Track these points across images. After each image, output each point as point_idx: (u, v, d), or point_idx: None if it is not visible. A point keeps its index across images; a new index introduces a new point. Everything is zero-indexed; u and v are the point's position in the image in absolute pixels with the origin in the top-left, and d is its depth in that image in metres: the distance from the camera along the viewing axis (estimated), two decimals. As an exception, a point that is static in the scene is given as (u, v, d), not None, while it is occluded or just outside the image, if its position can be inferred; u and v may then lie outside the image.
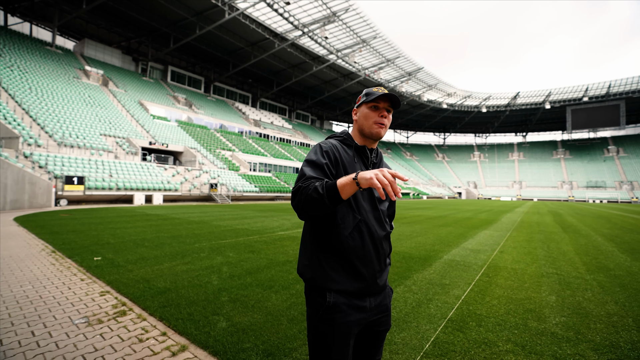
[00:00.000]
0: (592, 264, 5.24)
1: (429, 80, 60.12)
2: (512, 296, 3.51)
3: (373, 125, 1.27)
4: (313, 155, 1.23)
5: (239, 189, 26.26)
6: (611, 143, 71.55)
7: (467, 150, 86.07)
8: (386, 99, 1.26)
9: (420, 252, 5.81)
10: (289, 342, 2.38)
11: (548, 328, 2.71)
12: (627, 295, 3.64)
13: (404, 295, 3.45)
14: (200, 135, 33.53)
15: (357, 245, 1.18)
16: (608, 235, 8.87)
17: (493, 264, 5.03)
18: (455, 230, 9.35)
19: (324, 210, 1.06)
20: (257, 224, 10.01)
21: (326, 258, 1.19)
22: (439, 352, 2.26)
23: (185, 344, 2.34)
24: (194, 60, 46.39)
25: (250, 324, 2.68)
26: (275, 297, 3.35)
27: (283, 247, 6.14)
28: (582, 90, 64.71)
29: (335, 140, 1.34)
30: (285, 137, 49.85)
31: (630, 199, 54.51)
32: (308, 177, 1.13)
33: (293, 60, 46.63)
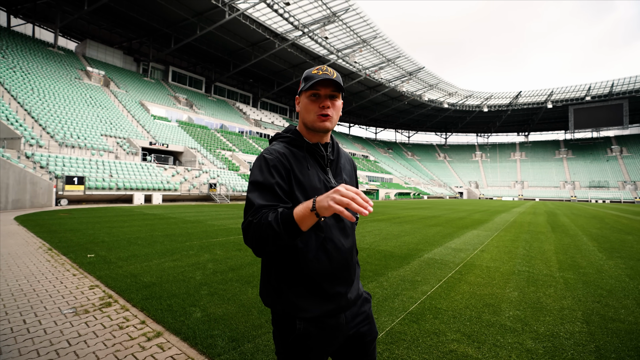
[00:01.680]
0: (566, 262, 5.42)
1: (430, 80, 60.13)
2: (476, 292, 3.72)
3: (316, 118, 1.11)
4: (258, 175, 1.06)
5: (238, 188, 26.53)
6: (614, 143, 71.23)
7: (468, 150, 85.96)
8: (327, 83, 1.08)
9: (402, 251, 6.02)
10: (254, 330, 2.61)
11: (499, 320, 2.92)
12: (587, 291, 3.83)
13: (373, 291, 3.67)
14: (201, 136, 33.85)
15: (324, 267, 1.07)
16: (594, 235, 9.03)
17: (470, 262, 5.23)
18: (444, 230, 9.54)
19: (282, 244, 0.94)
20: (251, 223, 10.25)
21: (290, 285, 1.07)
22: (390, 341, 2.48)
23: (160, 331, 2.58)
24: (195, 60, 46.77)
25: (223, 314, 2.91)
26: (252, 291, 3.58)
27: (271, 245, 6.37)
28: (584, 89, 64.45)
29: (281, 143, 1.17)
30: (286, 137, 50.10)
31: (633, 199, 54.31)
32: (257, 208, 0.98)
33: (293, 61, 46.86)
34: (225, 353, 2.26)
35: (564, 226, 11.34)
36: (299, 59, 46.16)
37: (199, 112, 39.44)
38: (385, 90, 58.22)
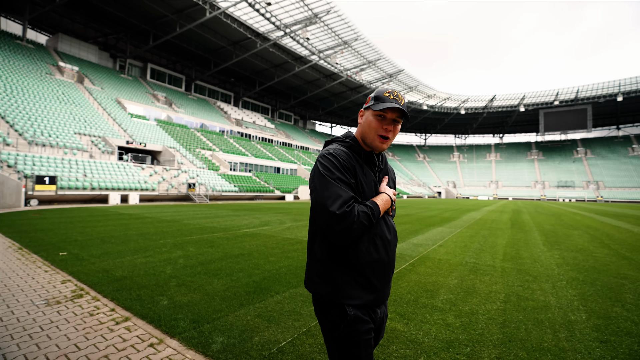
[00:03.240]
0: (510, 254, 6.01)
1: (410, 82, 61.54)
2: (421, 280, 4.18)
3: (376, 137, 1.23)
4: (334, 169, 1.17)
5: (218, 188, 26.46)
6: (580, 145, 75.20)
7: (447, 151, 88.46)
8: (395, 110, 1.20)
9: (365, 246, 6.46)
10: (215, 314, 2.94)
11: (433, 302, 3.36)
12: (517, 278, 4.37)
13: (330, 280, 4.05)
14: (180, 135, 33.44)
15: (373, 259, 1.18)
16: (546, 230, 9.82)
17: (425, 256, 5.72)
18: (412, 227, 10.10)
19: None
20: (227, 222, 10.48)
21: (340, 273, 1.17)
22: (333, 319, 2.87)
23: (128, 316, 2.86)
24: (175, 58, 45.98)
25: (188, 302, 3.22)
26: (217, 282, 3.89)
27: (242, 242, 6.67)
28: (553, 94, 67.77)
29: (342, 146, 1.28)
30: (268, 137, 50.08)
31: (595, 198, 57.59)
32: (349, 199, 1.11)
33: (275, 60, 46.93)
34: (186, 332, 2.58)
35: (522, 223, 12.18)
36: (281, 59, 46.28)
37: (179, 111, 38.88)
38: (366, 91, 59.15)
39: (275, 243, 6.69)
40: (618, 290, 3.90)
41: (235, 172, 33.84)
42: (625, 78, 58.54)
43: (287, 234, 8.00)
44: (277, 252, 5.73)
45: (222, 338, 2.49)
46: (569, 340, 2.57)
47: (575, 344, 2.50)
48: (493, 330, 2.72)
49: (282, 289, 3.71)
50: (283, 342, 2.45)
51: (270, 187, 32.90)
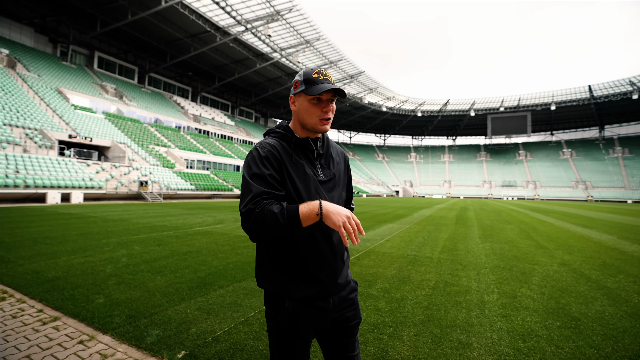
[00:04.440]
0: (448, 247, 6.55)
1: (370, 84, 63.31)
2: (363, 272, 4.45)
3: (318, 122, 1.18)
4: (254, 166, 1.14)
5: (173, 186, 25.38)
6: (521, 148, 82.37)
7: (404, 151, 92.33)
8: (330, 91, 1.15)
9: (316, 242, 6.67)
10: (153, 309, 2.94)
11: (369, 291, 3.63)
12: (449, 267, 4.81)
13: (276, 274, 4.18)
14: (132, 130, 31.50)
15: (312, 252, 1.15)
16: (485, 226, 10.75)
17: (371, 250, 6.05)
18: (365, 224, 10.53)
19: (280, 235, 1.05)
20: (179, 220, 10.17)
21: (281, 269, 1.16)
22: (272, 309, 3.00)
23: (58, 316, 2.76)
24: (126, 47, 43.12)
25: (126, 299, 3.17)
26: (160, 279, 3.85)
27: (192, 240, 6.56)
28: (499, 101, 73.52)
29: (273, 138, 1.25)
30: (227, 134, 48.83)
31: (533, 196, 63.51)
32: (257, 195, 1.06)
33: (236, 56, 45.85)
34: (120, 327, 2.56)
35: (466, 219, 13.19)
36: (242, 55, 45.32)
37: (131, 104, 36.56)
38: (328, 91, 59.82)
39: (227, 240, 6.67)
40: (529, 274, 4.47)
41: (192, 169, 32.63)
42: (558, 89, 65.44)
43: (240, 232, 7.98)
44: (226, 249, 5.74)
45: (157, 331, 2.52)
46: (478, 317, 2.94)
47: (482, 320, 2.88)
48: (417, 313, 3.03)
49: (227, 283, 3.77)
50: (219, 332, 2.53)
51: (229, 186, 32.19)
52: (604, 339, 2.56)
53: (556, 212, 18.97)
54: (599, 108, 66.20)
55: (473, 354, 2.29)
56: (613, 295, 3.64)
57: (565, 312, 3.11)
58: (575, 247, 6.77)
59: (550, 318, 2.95)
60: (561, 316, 3.00)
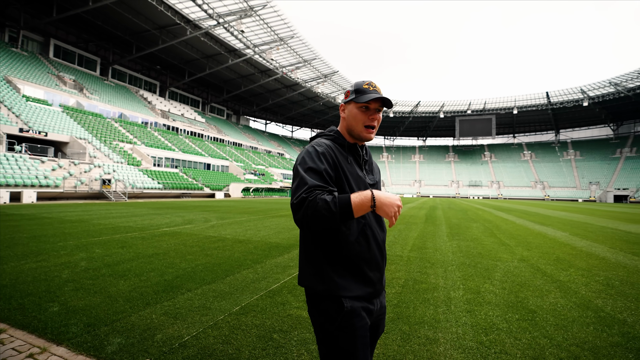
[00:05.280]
0: (417, 245, 6.76)
1: (344, 84, 63.83)
2: (334, 271, 4.48)
3: (363, 129, 1.25)
4: (310, 160, 1.16)
5: (139, 185, 24.26)
6: (486, 150, 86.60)
7: (377, 151, 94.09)
8: (377, 100, 1.23)
9: (288, 243, 6.64)
10: (115, 315, 2.78)
11: (340, 290, 3.65)
12: (418, 265, 4.96)
13: (246, 277, 4.11)
14: (93, 124, 29.73)
15: (364, 250, 1.16)
16: (452, 224, 11.20)
17: (343, 249, 6.10)
18: (337, 222, 10.61)
19: (331, 226, 1.04)
20: (145, 221, 9.73)
21: (334, 267, 1.15)
22: (241, 312, 2.94)
23: (4, 328, 2.54)
24: (87, 36, 40.52)
25: (85, 306, 2.98)
26: (124, 283, 3.66)
27: (159, 242, 6.30)
28: (467, 104, 76.77)
29: (326, 139, 1.30)
30: (197, 131, 47.38)
31: (497, 196, 67.03)
32: (311, 187, 1.07)
33: (207, 51, 44.58)
34: (77, 337, 2.40)
35: (435, 218, 13.67)
36: (214, 50, 44.14)
37: (92, 97, 34.45)
38: (302, 90, 59.75)
39: (196, 241, 6.47)
40: (492, 270, 4.71)
41: (159, 167, 31.37)
42: (520, 95, 69.40)
43: (210, 232, 7.77)
44: (195, 251, 5.56)
45: (119, 339, 2.39)
46: (444, 313, 3.05)
47: (449, 316, 2.99)
48: (387, 311, 3.08)
49: (195, 286, 3.65)
50: (187, 337, 2.44)
51: (199, 184, 31.28)
52: (556, 328, 2.75)
53: (517, 211, 20.14)
54: (555, 113, 71.01)
55: (439, 349, 2.37)
56: (564, 288, 3.92)
57: (524, 305, 3.30)
58: (533, 244, 7.21)
59: (510, 311, 3.12)
60: (520, 309, 3.18)
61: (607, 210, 22.84)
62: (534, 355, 2.30)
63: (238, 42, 44.48)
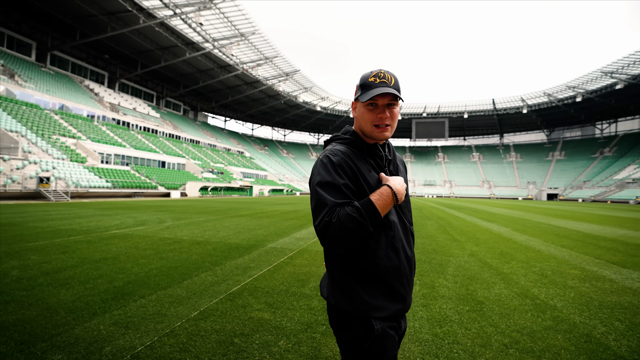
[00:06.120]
0: (376, 243, 6.97)
1: (305, 83, 63.95)
2: (296, 271, 4.48)
3: (373, 129, 1.12)
4: (326, 175, 1.06)
5: (84, 184, 22.34)
6: (440, 151, 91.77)
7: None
8: (385, 95, 1.08)
9: (249, 243, 6.51)
10: (55, 329, 2.53)
11: (302, 291, 3.66)
12: (377, 263, 5.12)
13: (205, 279, 3.96)
14: (28, 116, 26.80)
15: (394, 265, 1.08)
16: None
17: (304, 249, 6.12)
18: (298, 222, 10.63)
19: (362, 237, 0.99)
20: (91, 223, 8.98)
21: (362, 284, 1.07)
22: (201, 317, 2.83)
23: None
24: (19, 16, 36.28)
25: (17, 320, 2.67)
26: (65, 292, 3.34)
27: (108, 246, 5.85)
28: (422, 107, 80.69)
29: (341, 145, 1.18)
30: (152, 127, 44.75)
31: (449, 194, 71.31)
32: (332, 207, 0.99)
33: (163, 42, 42.21)
34: (7, 357, 2.15)
35: (393, 216, 14.19)
36: (170, 42, 41.91)
37: (26, 86, 31.00)
38: (263, 87, 58.87)
39: (150, 244, 6.10)
40: (445, 265, 5.01)
41: (108, 165, 29.17)
42: (470, 100, 74.61)
43: (165, 234, 7.38)
44: (149, 254, 5.25)
45: (60, 355, 2.18)
46: (402, 309, 3.18)
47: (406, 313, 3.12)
48: (348, 308, 3.15)
49: (149, 292, 3.44)
50: (140, 347, 2.30)
51: (152, 183, 29.56)
52: (500, 317, 3.00)
53: (467, 209, 21.59)
54: (499, 119, 77.30)
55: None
56: (507, 279, 4.28)
57: (473, 297, 3.56)
58: (481, 239, 7.78)
59: (461, 304, 3.34)
60: (470, 301, 3.42)
61: (542, 207, 25.33)
62: (482, 343, 2.49)
63: (196, 35, 42.66)
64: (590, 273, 4.70)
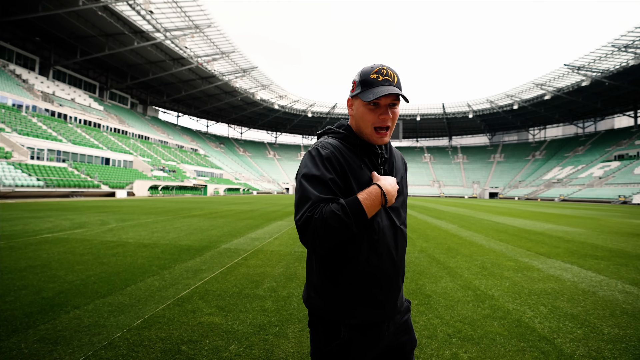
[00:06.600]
0: (333, 241, 7.07)
1: (263, 80, 62.93)
2: (250, 272, 4.38)
3: (373, 132, 1.05)
4: (314, 168, 1.00)
5: (8, 182, 19.87)
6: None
7: (295, 150, 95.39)
8: (389, 95, 1.01)
9: (201, 244, 6.24)
10: (-36, 350, 2.21)
11: (255, 292, 3.59)
12: (332, 261, 5.19)
13: (151, 284, 3.72)
14: (-63, 103, 23.11)
15: (376, 271, 1.02)
16: (364, 220, 12.04)
17: (259, 249, 6.01)
18: (254, 222, 10.42)
19: (346, 237, 0.93)
20: (17, 227, 8.00)
21: (338, 290, 1.02)
22: (145, 325, 2.65)
23: None
24: None
25: None
26: (-20, 307, 2.93)
27: (36, 252, 5.24)
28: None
29: (333, 138, 1.11)
30: (94, 120, 41.07)
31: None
32: (316, 202, 0.93)
33: (107, 28, 38.89)
34: None
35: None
36: (115, 29, 38.72)
37: None
38: (219, 83, 56.85)
39: (88, 248, 5.58)
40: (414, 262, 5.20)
41: (40, 161, 26.23)
42: (423, 104, 78.69)
43: (107, 237, 6.80)
44: (88, 259, 4.80)
45: (-29, 379, 1.90)
46: (355, 306, 3.25)
47: (359, 308, 3.20)
48: (302, 308, 3.14)
49: (85, 301, 3.14)
50: (71, 364, 2.08)
51: (94, 182, 27.18)
52: (445, 309, 3.19)
53: (418, 207, 22.75)
54: (448, 122, 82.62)
55: (349, 340, 2.51)
56: (453, 273, 4.58)
57: (422, 291, 3.75)
58: (430, 236, 8.24)
59: (411, 297, 3.50)
60: (419, 295, 3.60)
61: (484, 205, 27.56)
62: (429, 335, 2.63)
63: (146, 24, 39.95)
64: (523, 264, 5.20)
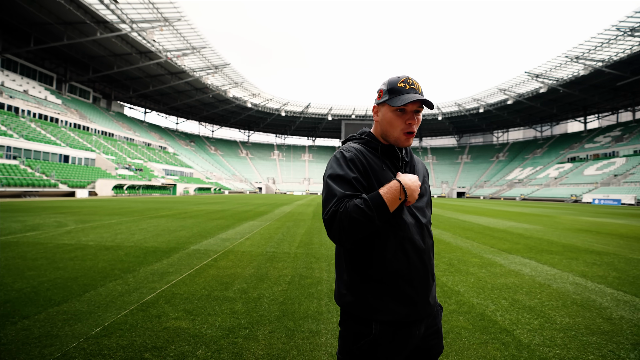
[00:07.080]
0: (304, 242, 7.06)
1: (236, 78, 61.69)
2: (220, 274, 4.27)
3: (401, 136, 1.14)
4: (338, 168, 1.08)
5: (-50, 180, 18.06)
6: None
7: (268, 149, 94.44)
8: (416, 102, 1.10)
9: (169, 246, 6.00)
10: None
11: (225, 294, 3.50)
12: (305, 261, 5.18)
13: (114, 289, 3.52)
14: None
15: (403, 266, 1.06)
16: (337, 220, 12.12)
17: (230, 250, 5.88)
18: (224, 222, 10.19)
19: (370, 231, 0.99)
20: (-41, 229, 7.29)
21: (368, 285, 1.06)
22: (104, 333, 2.50)
23: None
24: None
25: None
26: None
27: (-19, 256, 4.80)
28: (351, 109, 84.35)
29: (357, 143, 1.20)
30: (51, 115, 38.38)
31: (374, 193, 76.21)
32: (341, 198, 1.00)
33: (66, 16, 36.41)
34: None
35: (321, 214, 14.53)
36: (76, 17, 36.33)
37: None
38: (189, 79, 55.07)
39: (42, 252, 5.19)
40: (367, 261, 5.29)
41: (-14, 158, 24.09)
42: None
43: (65, 239, 6.37)
44: (41, 264, 4.46)
45: None
46: (327, 305, 3.26)
47: (330, 307, 3.21)
48: (272, 309, 3.11)
49: (36, 310, 2.91)
50: (18, 378, 1.92)
51: (51, 181, 25.42)
52: (414, 307, 3.27)
53: (389, 206, 23.28)
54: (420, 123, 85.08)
55: (321, 340, 2.51)
56: (421, 271, 4.71)
57: (391, 289, 3.82)
58: (400, 234, 8.43)
59: (380, 296, 3.55)
60: (388, 293, 3.66)
61: (452, 204, 28.71)
62: (397, 332, 2.68)
63: (110, 14, 37.84)
64: (487, 260, 5.46)
